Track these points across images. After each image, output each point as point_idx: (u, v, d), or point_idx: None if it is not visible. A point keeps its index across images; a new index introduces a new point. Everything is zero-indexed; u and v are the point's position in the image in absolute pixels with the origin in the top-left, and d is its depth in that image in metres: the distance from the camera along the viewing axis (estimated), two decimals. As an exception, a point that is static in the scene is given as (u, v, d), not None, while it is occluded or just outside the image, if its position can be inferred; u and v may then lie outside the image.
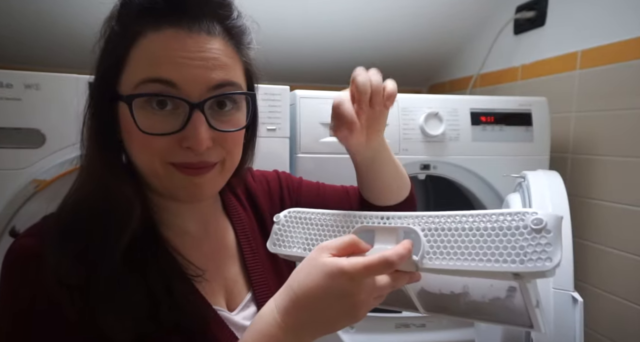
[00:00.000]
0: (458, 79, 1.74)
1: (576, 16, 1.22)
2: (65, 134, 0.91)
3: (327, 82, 1.80)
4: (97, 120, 0.50)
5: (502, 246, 0.40)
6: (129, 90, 0.47)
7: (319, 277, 0.43)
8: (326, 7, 1.40)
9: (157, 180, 0.51)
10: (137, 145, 0.49)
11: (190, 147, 0.47)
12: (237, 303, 0.59)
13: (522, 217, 0.40)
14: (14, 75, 0.88)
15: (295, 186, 0.73)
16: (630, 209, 1.07)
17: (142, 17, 0.47)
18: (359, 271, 0.42)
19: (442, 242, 0.43)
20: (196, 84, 0.47)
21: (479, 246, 0.41)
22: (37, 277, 0.45)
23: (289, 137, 1.07)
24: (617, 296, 1.11)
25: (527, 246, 0.39)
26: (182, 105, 0.47)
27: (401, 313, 1.17)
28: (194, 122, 0.47)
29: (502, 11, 1.47)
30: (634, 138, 1.06)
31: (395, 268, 0.43)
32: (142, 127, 0.46)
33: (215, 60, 0.48)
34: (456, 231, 0.43)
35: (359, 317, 0.45)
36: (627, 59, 1.07)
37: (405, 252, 0.43)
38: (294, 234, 0.54)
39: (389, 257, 0.42)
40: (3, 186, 0.88)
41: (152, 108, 0.47)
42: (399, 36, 1.58)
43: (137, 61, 0.47)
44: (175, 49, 0.46)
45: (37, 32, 1.35)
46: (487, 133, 1.18)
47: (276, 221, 0.56)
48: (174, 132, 0.47)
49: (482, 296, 0.49)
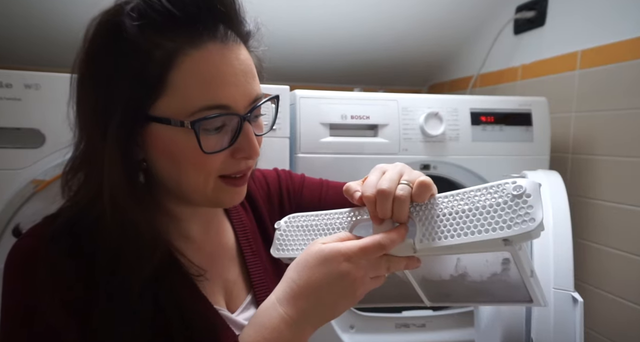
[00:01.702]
0: (458, 79, 1.74)
1: (576, 16, 1.22)
2: (65, 134, 0.90)
3: (327, 82, 1.80)
4: (119, 142, 0.46)
5: (489, 216, 0.43)
6: (183, 116, 0.45)
7: (317, 263, 0.45)
8: (326, 7, 1.40)
9: (203, 195, 0.50)
10: (193, 166, 0.48)
11: (246, 157, 0.49)
12: (237, 305, 0.59)
13: (503, 187, 0.43)
14: (14, 75, 0.88)
15: (297, 187, 0.72)
16: (630, 209, 1.07)
17: (168, 31, 0.44)
18: (354, 251, 0.45)
19: (436, 224, 0.46)
20: (243, 99, 0.48)
21: (469, 220, 0.44)
22: (39, 277, 0.45)
23: (289, 137, 1.07)
24: (617, 296, 1.11)
25: (512, 211, 0.42)
26: (229, 119, 0.48)
27: (401, 313, 1.17)
28: (247, 133, 0.48)
29: (502, 11, 1.47)
30: (634, 138, 1.06)
31: (387, 250, 0.46)
32: (205, 149, 0.46)
33: (251, 72, 0.49)
34: (447, 212, 0.46)
35: (357, 297, 0.47)
36: (627, 59, 1.07)
37: (396, 236, 0.46)
38: (295, 238, 0.56)
39: (381, 240, 0.45)
40: (3, 186, 0.88)
41: (206, 129, 0.46)
42: (399, 36, 1.58)
43: (186, 85, 0.44)
44: (221, 65, 0.46)
45: (37, 33, 1.34)
46: (487, 133, 1.18)
47: (277, 227, 0.57)
48: (229, 146, 0.48)
49: (481, 275, 0.52)
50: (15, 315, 0.45)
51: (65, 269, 0.46)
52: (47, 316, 0.44)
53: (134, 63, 0.44)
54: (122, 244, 0.47)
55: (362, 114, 1.10)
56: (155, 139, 0.47)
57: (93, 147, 0.48)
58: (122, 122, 0.45)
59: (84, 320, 0.45)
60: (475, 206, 0.44)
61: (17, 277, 0.46)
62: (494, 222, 0.42)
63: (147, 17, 0.44)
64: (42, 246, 0.46)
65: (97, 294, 0.46)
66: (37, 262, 0.45)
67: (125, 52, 0.44)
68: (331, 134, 1.09)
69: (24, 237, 0.48)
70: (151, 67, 0.44)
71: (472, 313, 1.03)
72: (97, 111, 0.46)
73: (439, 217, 0.46)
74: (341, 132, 1.09)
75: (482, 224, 0.43)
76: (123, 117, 0.45)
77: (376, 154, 1.10)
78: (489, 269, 0.51)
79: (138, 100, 0.45)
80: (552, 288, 0.70)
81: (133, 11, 0.44)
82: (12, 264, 0.47)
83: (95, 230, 0.47)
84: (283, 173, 0.74)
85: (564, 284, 0.70)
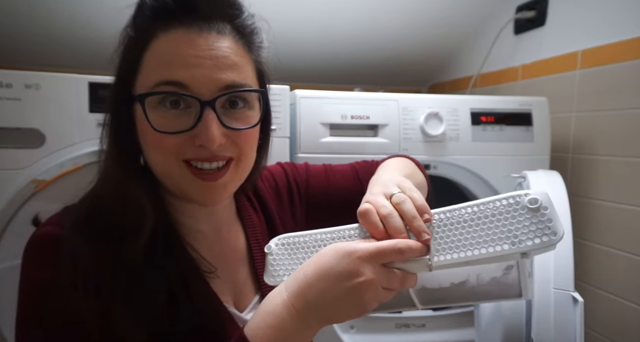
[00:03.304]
0: (458, 79, 1.74)
1: (576, 16, 1.22)
2: (65, 134, 0.91)
3: (327, 82, 1.80)
4: (115, 122, 0.51)
5: (506, 230, 0.43)
6: (144, 92, 0.48)
7: (331, 257, 0.44)
8: (326, 6, 1.40)
9: (170, 180, 0.51)
10: (151, 145, 0.49)
11: (203, 145, 0.48)
12: (245, 305, 0.59)
13: (517, 199, 0.43)
14: (14, 75, 0.88)
15: (303, 179, 0.71)
16: (630, 209, 1.07)
17: (154, 19, 0.49)
18: (370, 252, 0.43)
19: (449, 238, 0.45)
20: (207, 83, 0.47)
21: (485, 234, 0.43)
22: (57, 261, 0.46)
23: (289, 137, 1.07)
24: (617, 296, 1.11)
25: (530, 225, 0.42)
26: (194, 104, 0.48)
27: (401, 313, 1.17)
28: (206, 119, 0.47)
29: (502, 11, 1.47)
30: (634, 138, 1.06)
31: (405, 257, 0.44)
32: (155, 126, 0.47)
33: (226, 59, 0.48)
34: (460, 225, 0.45)
35: (365, 303, 0.43)
36: (627, 59, 1.07)
37: (415, 245, 0.44)
38: (289, 261, 0.52)
39: (399, 244, 0.44)
40: (3, 186, 0.88)
41: (165, 107, 0.48)
42: (399, 36, 1.58)
43: (150, 63, 0.48)
44: (185, 48, 0.47)
45: (37, 32, 1.34)
46: (487, 133, 1.18)
47: (268, 251, 0.53)
48: (187, 130, 0.48)
49: (480, 280, 0.52)
50: (31, 299, 0.46)
51: (84, 255, 0.46)
52: (64, 300, 0.45)
53: (126, 49, 0.50)
54: (115, 211, 0.49)
55: (362, 114, 1.10)
56: (137, 119, 0.50)
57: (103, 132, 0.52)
58: (117, 101, 0.51)
59: (101, 304, 0.45)
60: (489, 219, 0.44)
61: (35, 262, 0.47)
62: (512, 235, 0.42)
63: (141, 10, 0.50)
64: (61, 233, 0.47)
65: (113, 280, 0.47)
66: (56, 248, 0.46)
67: (126, 42, 0.51)
68: (331, 134, 1.09)
69: (43, 225, 0.49)
70: (134, 48, 0.49)
71: (472, 313, 1.03)
72: (109, 95, 0.52)
73: (453, 232, 0.45)
74: (341, 132, 1.10)
75: (500, 238, 0.43)
76: (118, 97, 0.50)
77: (376, 154, 1.09)
78: (490, 274, 0.51)
79: (125, 81, 0.50)
80: (552, 288, 0.70)
81: (137, 8, 0.50)
82: (31, 250, 0.48)
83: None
84: (288, 166, 0.73)
85: (564, 284, 0.70)
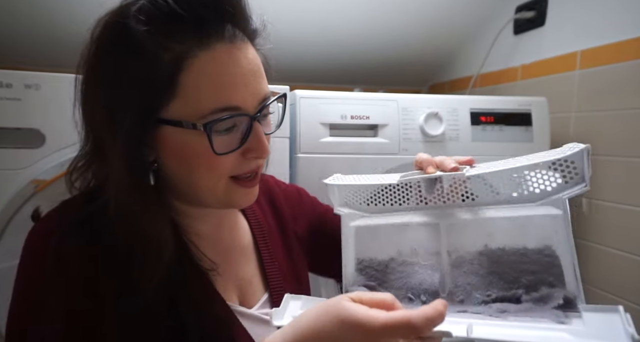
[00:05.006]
0: (458, 79, 1.74)
1: (576, 16, 1.22)
2: (65, 134, 0.90)
3: (327, 82, 1.80)
4: (130, 145, 0.46)
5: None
6: (195, 118, 0.45)
7: (330, 321, 0.38)
8: (326, 7, 1.40)
9: (214, 197, 0.50)
10: (204, 167, 0.47)
11: (257, 156, 0.49)
12: (252, 303, 0.59)
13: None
14: (14, 75, 0.88)
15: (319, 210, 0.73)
16: (630, 209, 1.07)
17: (175, 32, 0.43)
18: (374, 327, 0.35)
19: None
20: (252, 100, 0.48)
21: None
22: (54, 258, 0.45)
23: (289, 137, 1.07)
24: (617, 295, 1.11)
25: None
26: (243, 120, 0.48)
27: None
28: (257, 132, 0.48)
29: (502, 11, 1.47)
30: (634, 138, 1.06)
31: (421, 333, 0.35)
32: (217, 150, 0.46)
33: (259, 71, 0.49)
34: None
35: None
36: (627, 59, 1.07)
37: (435, 315, 0.35)
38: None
39: (413, 319, 0.34)
40: (3, 186, 0.88)
41: (217, 130, 0.46)
42: (399, 36, 1.58)
43: (197, 87, 0.44)
44: (231, 66, 0.46)
45: (37, 32, 1.34)
46: (487, 133, 1.18)
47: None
48: (240, 146, 0.48)
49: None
50: (25, 294, 0.46)
51: (81, 255, 0.46)
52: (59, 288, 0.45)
53: (142, 66, 0.43)
54: (130, 246, 0.47)
55: (362, 114, 1.10)
56: (166, 141, 0.47)
57: (102, 148, 0.48)
58: (132, 125, 0.45)
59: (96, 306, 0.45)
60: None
61: (31, 261, 0.47)
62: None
63: (153, 18, 0.43)
64: (59, 231, 0.47)
65: (109, 283, 0.46)
66: (51, 247, 0.46)
67: (133, 55, 0.43)
68: (331, 134, 1.09)
69: (42, 221, 0.49)
70: (160, 70, 0.43)
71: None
72: (106, 114, 0.46)
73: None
74: (341, 132, 1.09)
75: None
76: (133, 121, 0.44)
77: (376, 154, 1.10)
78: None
79: (148, 103, 0.45)
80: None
81: (139, 13, 0.43)
82: (29, 246, 0.48)
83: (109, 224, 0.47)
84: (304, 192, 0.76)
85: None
